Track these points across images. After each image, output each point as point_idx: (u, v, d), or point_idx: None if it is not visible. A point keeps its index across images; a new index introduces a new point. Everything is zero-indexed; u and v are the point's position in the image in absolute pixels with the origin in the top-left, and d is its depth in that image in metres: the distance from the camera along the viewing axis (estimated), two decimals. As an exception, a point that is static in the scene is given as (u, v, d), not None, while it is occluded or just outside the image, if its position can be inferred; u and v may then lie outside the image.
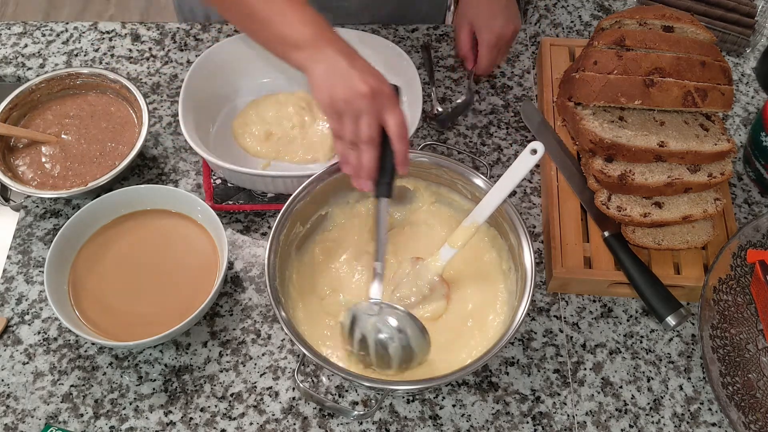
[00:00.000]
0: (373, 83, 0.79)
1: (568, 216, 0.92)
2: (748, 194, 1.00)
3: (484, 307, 0.84)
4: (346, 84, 0.79)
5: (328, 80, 0.81)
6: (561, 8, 1.21)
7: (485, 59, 1.02)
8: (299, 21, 0.82)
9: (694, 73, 0.86)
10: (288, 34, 0.83)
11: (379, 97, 0.79)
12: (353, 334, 0.78)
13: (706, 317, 0.82)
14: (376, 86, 0.79)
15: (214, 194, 0.96)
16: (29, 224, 0.96)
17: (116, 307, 0.86)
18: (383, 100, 0.79)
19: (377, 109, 0.79)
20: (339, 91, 0.80)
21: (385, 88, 0.80)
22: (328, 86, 0.81)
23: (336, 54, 0.81)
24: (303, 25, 0.82)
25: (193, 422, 0.81)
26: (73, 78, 1.02)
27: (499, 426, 0.81)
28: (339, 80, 0.80)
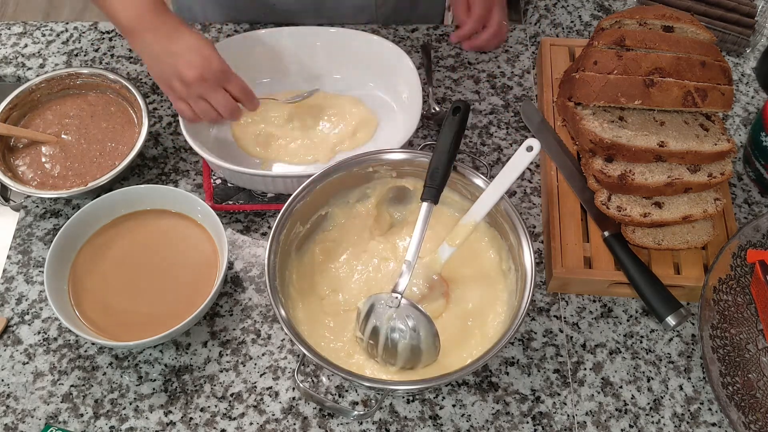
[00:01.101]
0: (197, 64, 0.83)
1: (568, 216, 0.92)
2: (748, 194, 1.00)
3: (484, 307, 0.84)
4: (176, 75, 0.84)
5: (158, 71, 0.86)
6: (561, 8, 1.21)
7: (476, 14, 1.07)
8: (121, 5, 0.84)
9: (694, 73, 0.86)
10: (116, 19, 0.86)
11: (210, 76, 0.84)
12: (367, 322, 0.78)
13: (706, 317, 0.82)
14: (202, 68, 0.83)
15: (214, 194, 0.96)
16: (29, 224, 0.96)
17: (116, 307, 0.86)
18: (215, 76, 0.84)
19: (215, 86, 0.85)
20: (173, 81, 0.85)
21: (212, 64, 0.84)
22: (162, 78, 0.86)
23: (157, 41, 0.84)
24: (124, 10, 0.84)
25: (193, 422, 0.81)
26: (73, 78, 1.02)
27: (499, 426, 0.81)
28: (167, 69, 0.84)
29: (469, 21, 1.08)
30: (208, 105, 0.88)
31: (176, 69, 0.84)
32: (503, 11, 1.11)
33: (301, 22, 1.08)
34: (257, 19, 1.17)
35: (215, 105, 0.88)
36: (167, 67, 0.84)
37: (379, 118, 1.04)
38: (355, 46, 1.05)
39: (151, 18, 0.84)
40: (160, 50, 0.84)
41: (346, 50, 1.06)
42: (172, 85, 0.86)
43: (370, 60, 1.05)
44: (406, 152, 0.86)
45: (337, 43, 1.05)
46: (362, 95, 1.06)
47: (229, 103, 0.89)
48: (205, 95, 0.87)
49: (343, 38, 1.05)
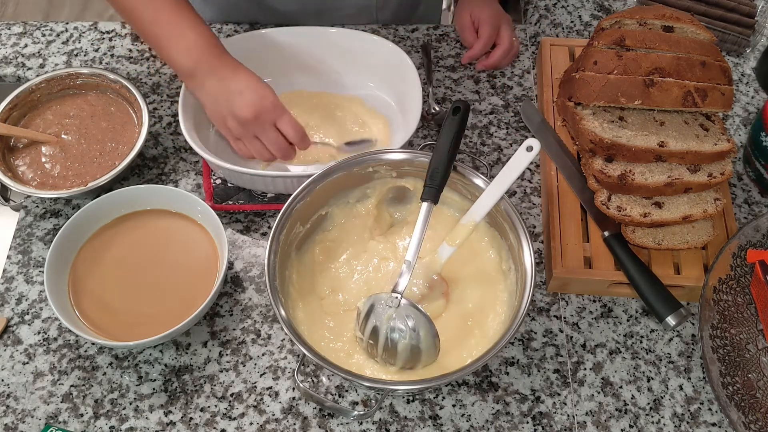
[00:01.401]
0: (253, 104, 0.85)
1: (568, 216, 0.92)
2: (748, 194, 1.00)
3: (484, 306, 0.84)
4: (231, 114, 0.86)
5: (216, 111, 0.88)
6: (561, 8, 1.21)
7: (485, 35, 1.09)
8: (184, 49, 0.86)
9: (694, 73, 0.86)
10: (176, 62, 0.88)
11: (264, 114, 0.85)
12: (367, 321, 0.78)
13: (706, 317, 0.82)
14: (257, 106, 0.85)
15: (214, 194, 0.96)
16: (29, 224, 0.96)
17: (116, 307, 0.86)
18: (269, 114, 0.86)
19: (268, 125, 0.87)
20: (229, 122, 0.87)
21: (266, 102, 0.86)
22: (219, 118, 0.88)
23: (217, 82, 0.86)
24: (187, 54, 0.86)
25: (193, 422, 0.81)
26: (73, 78, 1.02)
27: (499, 426, 0.81)
28: (224, 110, 0.86)
29: (478, 43, 1.09)
30: (261, 145, 0.89)
31: (232, 108, 0.86)
32: (512, 28, 1.12)
33: (301, 24, 1.08)
34: (258, 20, 1.17)
35: (268, 145, 0.88)
36: (223, 106, 0.86)
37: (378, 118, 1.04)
38: (355, 46, 1.05)
39: (210, 62, 0.86)
40: (218, 91, 0.86)
41: (346, 50, 1.06)
42: (228, 125, 0.88)
43: (370, 60, 1.05)
44: (406, 152, 0.86)
45: (337, 43, 1.05)
46: (362, 95, 1.06)
47: (281, 143, 0.88)
48: (258, 135, 0.87)
49: (343, 38, 1.05)
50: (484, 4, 1.10)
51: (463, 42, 1.13)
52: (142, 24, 0.88)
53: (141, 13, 0.87)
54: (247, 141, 0.89)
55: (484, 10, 1.10)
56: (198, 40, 0.86)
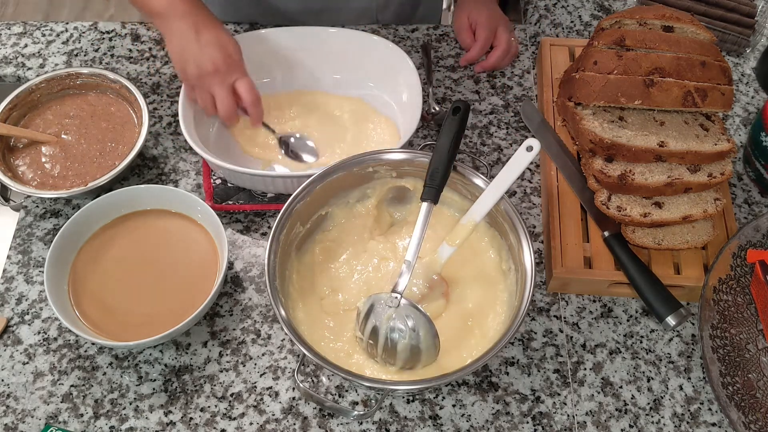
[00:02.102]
0: (217, 58, 0.88)
1: (568, 216, 0.92)
2: (748, 194, 1.00)
3: (484, 306, 0.84)
4: (194, 61, 0.88)
5: (179, 56, 0.90)
6: (561, 8, 1.21)
7: (482, 38, 1.09)
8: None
9: (694, 73, 0.86)
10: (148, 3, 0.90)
11: (224, 69, 0.88)
12: (367, 321, 0.78)
13: (706, 317, 0.82)
14: (220, 61, 0.88)
15: (214, 194, 0.96)
16: (29, 224, 0.96)
17: (116, 307, 0.86)
18: (229, 71, 0.89)
19: (225, 82, 0.89)
20: (189, 68, 0.89)
21: (230, 59, 0.89)
22: (179, 62, 0.90)
23: (187, 28, 0.89)
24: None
25: (193, 422, 0.81)
26: (73, 78, 1.02)
27: (499, 426, 0.81)
28: (188, 56, 0.89)
29: (475, 46, 1.09)
30: (211, 99, 0.91)
31: (197, 58, 0.88)
32: (510, 29, 1.12)
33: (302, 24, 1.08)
34: (258, 20, 1.17)
35: (218, 102, 0.90)
36: (189, 54, 0.89)
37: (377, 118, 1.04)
38: (355, 46, 1.05)
39: (183, 6, 0.89)
40: (188, 36, 0.88)
41: (347, 50, 1.06)
42: (186, 71, 0.90)
43: (371, 60, 1.05)
44: (406, 152, 0.86)
45: (338, 43, 1.05)
46: (362, 95, 1.06)
47: (229, 104, 0.91)
48: (212, 89, 0.90)
49: (344, 38, 1.05)
50: (482, 6, 1.11)
51: (461, 44, 1.13)
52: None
53: None
54: (199, 91, 0.91)
55: (481, 12, 1.10)
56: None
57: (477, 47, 1.09)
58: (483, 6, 1.11)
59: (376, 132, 1.02)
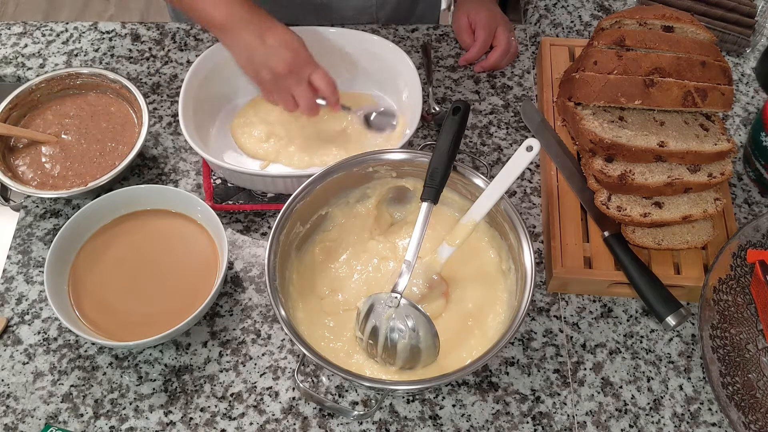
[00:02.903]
0: (288, 58, 0.88)
1: (568, 216, 0.92)
2: (748, 194, 1.00)
3: (484, 306, 0.84)
4: (266, 66, 0.89)
5: (250, 64, 0.90)
6: (561, 8, 1.21)
7: (481, 38, 1.10)
8: (212, 3, 0.89)
9: (694, 73, 0.86)
10: (208, 17, 0.90)
11: (298, 68, 0.89)
12: (367, 321, 0.78)
13: (706, 317, 0.82)
14: (291, 60, 0.88)
15: (214, 194, 0.96)
16: (29, 224, 0.96)
17: (116, 307, 0.86)
18: (303, 68, 0.89)
19: (301, 78, 0.90)
20: (263, 73, 0.89)
21: (299, 56, 0.89)
22: (251, 70, 0.91)
23: (250, 36, 0.89)
24: (215, 8, 0.89)
25: (193, 422, 0.81)
26: (73, 78, 1.02)
27: (499, 426, 0.81)
28: (259, 63, 0.89)
29: (474, 47, 1.09)
30: (290, 98, 0.92)
31: (267, 61, 0.88)
32: (510, 29, 1.11)
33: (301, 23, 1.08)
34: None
35: (299, 99, 0.91)
36: (259, 59, 0.89)
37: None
38: (355, 46, 1.05)
39: (243, 13, 0.89)
40: (253, 43, 0.88)
41: (347, 50, 1.06)
42: (262, 76, 0.90)
43: (370, 60, 1.05)
44: (406, 152, 0.86)
45: (337, 43, 1.05)
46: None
47: (310, 98, 0.92)
48: (290, 88, 0.91)
49: (343, 38, 1.05)
50: (481, 6, 1.11)
51: (461, 44, 1.13)
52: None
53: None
54: (277, 93, 0.92)
55: (480, 12, 1.10)
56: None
57: (476, 47, 1.09)
58: (482, 6, 1.11)
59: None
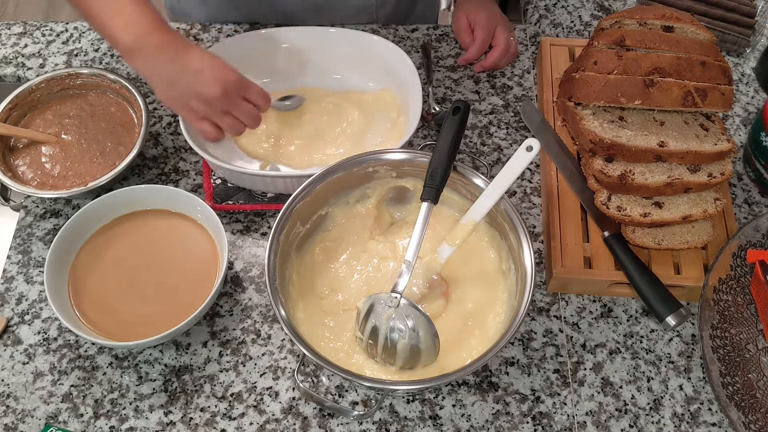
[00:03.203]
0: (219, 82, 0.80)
1: (568, 216, 0.92)
2: (748, 194, 1.00)
3: (484, 306, 0.84)
4: (195, 93, 0.80)
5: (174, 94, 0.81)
6: (561, 8, 1.21)
7: (480, 38, 1.09)
8: (123, 24, 0.79)
9: (694, 73, 0.86)
10: (115, 38, 0.80)
11: (232, 90, 0.81)
12: (367, 321, 0.78)
13: (706, 317, 0.82)
14: (223, 83, 0.80)
15: (214, 194, 0.96)
16: (29, 224, 0.96)
17: (116, 307, 0.86)
18: (236, 88, 0.82)
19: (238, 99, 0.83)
20: (193, 104, 0.81)
21: (230, 77, 0.81)
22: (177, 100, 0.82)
23: (170, 62, 0.79)
24: (125, 29, 0.79)
25: (193, 422, 0.81)
26: (73, 78, 1.02)
27: (499, 426, 0.81)
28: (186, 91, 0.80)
29: (473, 47, 1.09)
30: (233, 118, 0.85)
31: (194, 88, 0.80)
32: (509, 29, 1.11)
33: (301, 23, 1.08)
34: (258, 20, 1.17)
35: (240, 117, 0.85)
36: (184, 87, 0.81)
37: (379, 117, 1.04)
38: (355, 46, 1.05)
39: (156, 37, 0.79)
40: (173, 71, 0.80)
41: (347, 50, 1.06)
42: (191, 106, 0.82)
43: (370, 60, 1.05)
44: (406, 152, 0.86)
45: (337, 43, 1.05)
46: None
47: (254, 112, 0.86)
48: (229, 109, 0.84)
49: (343, 38, 1.05)
50: (481, 6, 1.11)
51: (461, 44, 1.13)
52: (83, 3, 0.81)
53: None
54: (217, 118, 0.84)
55: (480, 12, 1.10)
56: (137, 15, 0.79)
57: (475, 47, 1.09)
58: (482, 6, 1.11)
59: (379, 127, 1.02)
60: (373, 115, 1.04)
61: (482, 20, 1.09)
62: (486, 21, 1.09)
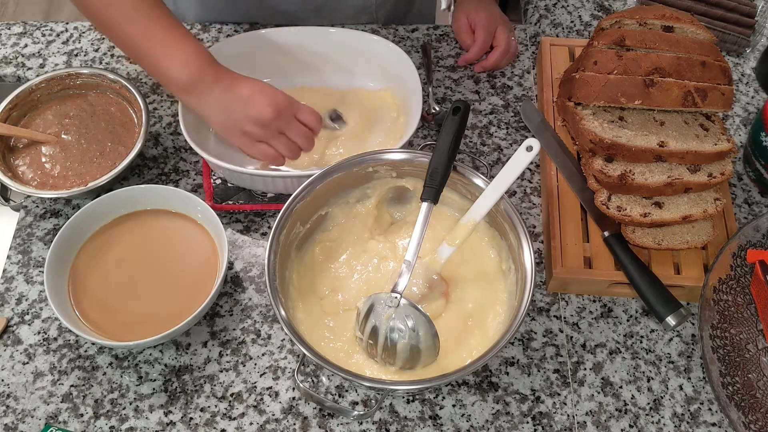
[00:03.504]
0: (271, 104, 0.83)
1: (568, 216, 0.92)
2: (748, 194, 1.00)
3: (484, 307, 0.84)
4: (249, 118, 0.83)
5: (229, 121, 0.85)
6: (561, 8, 1.21)
7: (481, 39, 1.09)
8: (180, 63, 0.83)
9: (694, 73, 0.86)
10: (172, 77, 0.84)
11: (284, 111, 0.84)
12: (367, 321, 0.78)
13: (706, 317, 0.82)
14: (274, 105, 0.83)
15: (214, 194, 0.96)
16: (29, 224, 0.96)
17: (116, 307, 0.86)
18: (288, 108, 0.85)
19: (291, 118, 0.85)
20: (248, 128, 0.84)
21: (279, 99, 0.84)
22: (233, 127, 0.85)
23: (223, 92, 0.83)
24: (183, 67, 0.83)
25: (193, 422, 0.81)
26: (73, 78, 1.02)
27: (499, 426, 0.81)
28: (240, 117, 0.84)
29: (473, 47, 1.09)
30: (287, 139, 0.87)
31: (248, 113, 0.83)
32: (510, 29, 1.11)
33: (301, 23, 1.08)
34: (258, 20, 1.17)
35: (294, 137, 0.87)
36: (238, 114, 0.84)
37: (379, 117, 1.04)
38: (355, 46, 1.05)
39: (210, 73, 0.84)
40: (227, 100, 0.83)
41: (346, 50, 1.06)
42: (247, 131, 0.85)
43: (370, 60, 1.05)
44: (406, 152, 0.86)
45: (337, 43, 1.05)
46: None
47: (307, 132, 0.88)
48: (283, 130, 0.86)
49: (343, 38, 1.05)
50: (481, 6, 1.11)
51: (461, 45, 1.13)
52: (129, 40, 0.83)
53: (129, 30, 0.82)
54: (272, 140, 0.87)
55: (480, 12, 1.10)
56: (194, 53, 0.83)
57: (475, 48, 1.09)
58: (482, 6, 1.11)
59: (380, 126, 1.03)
60: (373, 115, 1.04)
61: (482, 20, 1.09)
62: (486, 21, 1.09)
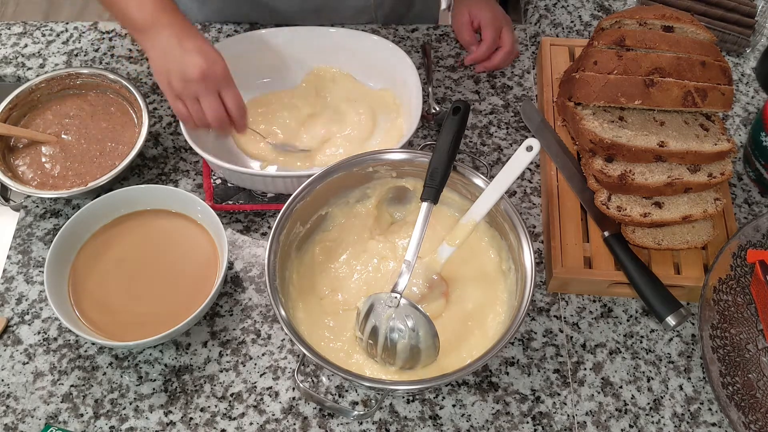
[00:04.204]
0: (203, 65, 0.85)
1: (568, 216, 0.92)
2: (748, 194, 1.00)
3: (484, 307, 0.84)
4: (179, 69, 0.85)
5: (163, 66, 0.87)
6: (561, 8, 1.21)
7: (489, 38, 1.08)
8: (137, 3, 0.87)
9: (694, 73, 0.86)
10: (129, 16, 0.88)
11: (211, 77, 0.85)
12: (367, 321, 0.78)
13: (706, 317, 0.82)
14: (206, 68, 0.85)
15: (214, 194, 0.96)
16: (29, 224, 0.96)
17: (116, 307, 0.86)
18: (216, 80, 0.86)
19: (212, 89, 0.86)
20: (173, 77, 0.86)
21: (216, 67, 0.86)
22: (164, 73, 0.87)
23: (169, 38, 0.86)
24: (140, 8, 0.87)
25: (193, 422, 0.81)
26: (73, 78, 1.02)
27: (499, 426, 0.81)
28: (173, 65, 0.86)
29: (482, 46, 1.08)
30: (200, 108, 0.88)
31: (181, 66, 0.85)
32: (513, 31, 1.11)
33: (301, 23, 1.08)
34: (258, 21, 1.17)
35: (206, 108, 0.87)
36: (172, 61, 0.86)
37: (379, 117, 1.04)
38: (355, 46, 1.05)
39: (166, 16, 0.87)
40: (170, 46, 0.86)
41: (346, 50, 1.06)
42: (171, 82, 0.87)
43: (370, 60, 1.05)
44: (406, 152, 0.86)
45: (337, 43, 1.06)
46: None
47: (220, 112, 0.88)
48: (199, 96, 0.87)
49: (343, 38, 1.05)
50: (484, 4, 1.10)
51: (461, 41, 1.12)
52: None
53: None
54: (187, 101, 0.88)
55: (484, 10, 1.09)
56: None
57: (484, 47, 1.08)
58: (485, 3, 1.10)
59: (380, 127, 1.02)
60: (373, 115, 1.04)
61: (487, 18, 1.08)
62: (492, 20, 1.08)
